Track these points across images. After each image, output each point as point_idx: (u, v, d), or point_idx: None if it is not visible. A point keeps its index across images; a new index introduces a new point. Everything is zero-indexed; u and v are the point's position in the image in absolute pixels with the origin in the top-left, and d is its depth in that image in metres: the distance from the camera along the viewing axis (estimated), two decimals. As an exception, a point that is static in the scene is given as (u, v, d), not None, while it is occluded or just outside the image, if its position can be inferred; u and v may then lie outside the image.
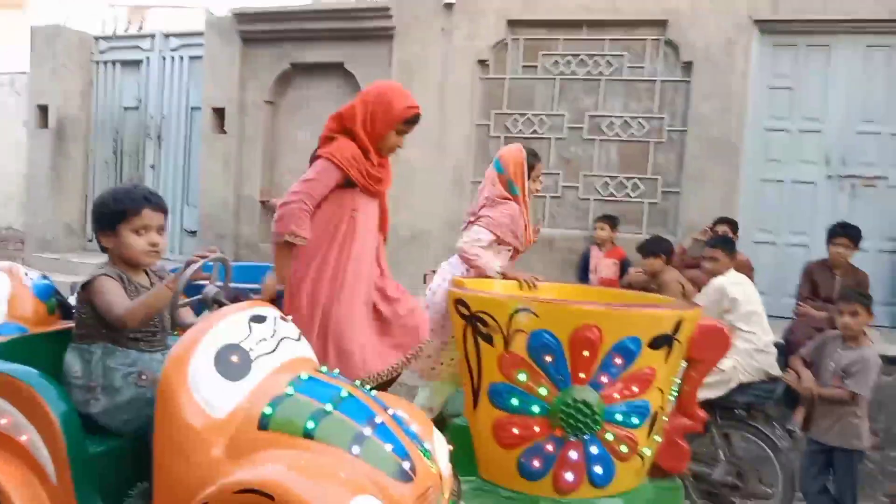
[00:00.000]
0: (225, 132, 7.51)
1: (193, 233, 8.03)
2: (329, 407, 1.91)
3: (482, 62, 6.68)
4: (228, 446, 1.86)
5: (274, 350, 2.08)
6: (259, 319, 2.10)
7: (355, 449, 1.84)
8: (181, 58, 8.27)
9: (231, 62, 7.45)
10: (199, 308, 2.28)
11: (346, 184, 3.13)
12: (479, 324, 2.59)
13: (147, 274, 2.36)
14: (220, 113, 7.55)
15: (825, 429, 3.89)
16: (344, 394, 1.98)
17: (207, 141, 7.63)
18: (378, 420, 1.94)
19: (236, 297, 2.23)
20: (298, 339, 2.24)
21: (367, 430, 1.89)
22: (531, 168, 3.77)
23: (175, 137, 8.32)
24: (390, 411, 2.04)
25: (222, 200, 7.52)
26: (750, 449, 4.38)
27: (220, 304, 2.18)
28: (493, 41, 6.61)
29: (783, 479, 4.14)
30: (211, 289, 2.23)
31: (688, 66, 6.19)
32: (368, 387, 2.19)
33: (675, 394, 2.65)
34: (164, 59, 8.35)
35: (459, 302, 2.66)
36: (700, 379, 2.76)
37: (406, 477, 1.86)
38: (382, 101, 3.12)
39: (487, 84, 6.76)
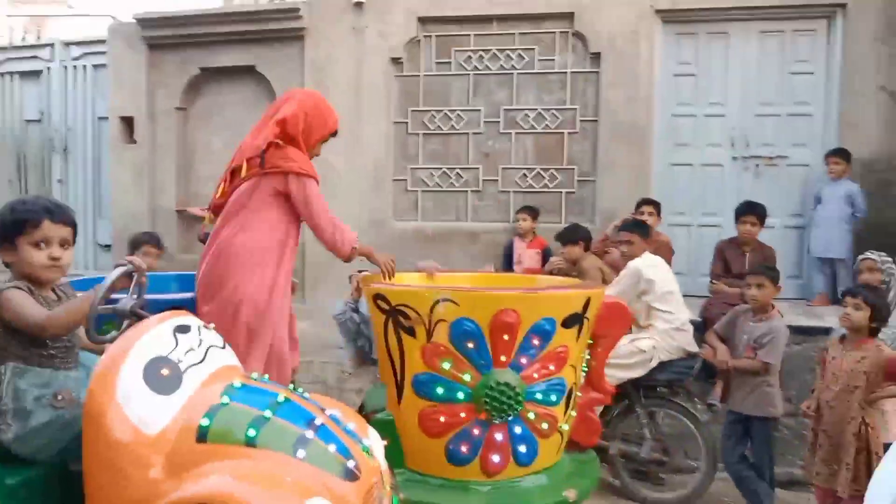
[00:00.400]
0: (135, 141, 7.27)
1: (108, 247, 7.77)
2: (268, 413, 1.88)
3: (395, 60, 6.69)
4: (167, 463, 1.80)
5: (202, 360, 2.03)
6: (184, 329, 2.05)
7: (300, 452, 1.82)
8: (84, 67, 7.99)
9: (137, 69, 7.22)
10: (100, 320, 2.18)
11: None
12: (400, 317, 2.61)
13: (54, 290, 2.24)
14: (128, 122, 7.30)
15: (741, 399, 4.05)
16: (280, 399, 1.95)
17: (117, 151, 7.37)
18: (318, 422, 1.93)
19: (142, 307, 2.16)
20: (224, 347, 2.20)
21: (309, 433, 1.87)
22: None
23: (82, 149, 8.04)
24: (327, 412, 2.02)
25: (136, 212, 7.28)
26: (674, 425, 4.53)
27: (139, 317, 2.10)
28: (405, 39, 6.62)
29: (706, 451, 4.31)
30: (127, 301, 2.15)
31: (596, 57, 6.34)
32: (300, 389, 2.17)
33: (585, 370, 2.74)
34: (65, 68, 8.05)
35: (378, 297, 2.66)
36: (606, 354, 2.87)
37: (352, 476, 1.86)
38: (319, 114, 3.27)
39: (402, 81, 6.76)
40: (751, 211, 5.20)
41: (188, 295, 3.21)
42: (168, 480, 1.76)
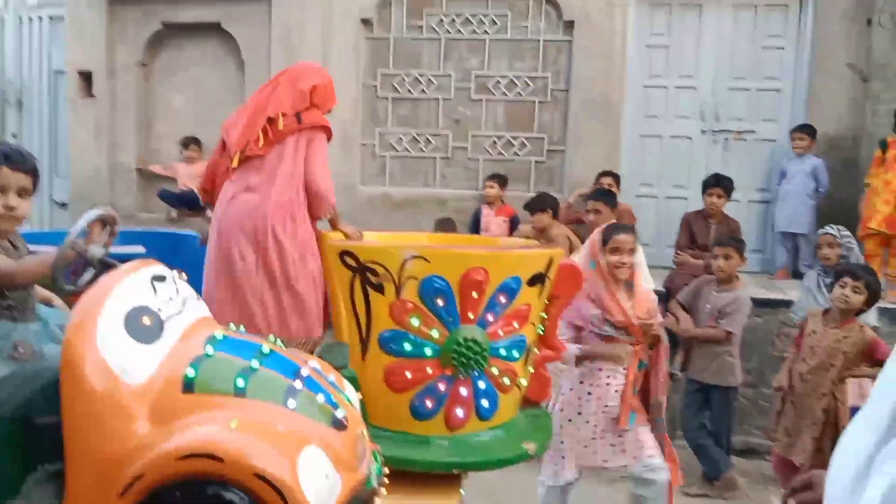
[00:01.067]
0: (94, 97, 7.05)
1: (65, 205, 7.55)
2: (255, 363, 1.85)
3: (365, 21, 6.55)
4: (151, 414, 1.73)
5: (181, 310, 1.97)
6: (160, 279, 1.97)
7: (290, 402, 1.80)
8: (40, 18, 7.72)
9: (97, 22, 6.98)
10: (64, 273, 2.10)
11: None
12: (368, 274, 2.58)
13: (9, 240, 2.15)
14: (87, 77, 7.07)
15: (702, 368, 4.11)
16: (265, 350, 1.93)
17: (75, 107, 7.14)
18: (304, 373, 1.91)
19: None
20: (198, 299, 2.14)
21: (297, 384, 1.86)
22: (605, 241, 3.35)
23: (38, 104, 7.81)
24: (310, 363, 2.00)
25: (95, 169, 7.08)
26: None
27: (108, 266, 2.02)
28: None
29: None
30: (96, 250, 2.06)
31: (569, 26, 6.28)
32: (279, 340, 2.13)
33: (541, 329, 2.79)
34: (20, 19, 7.77)
35: (346, 253, 2.63)
36: (560, 313, 2.95)
37: (340, 425, 1.85)
38: (332, 89, 3.54)
39: (372, 44, 6.64)
40: (718, 184, 5.23)
41: (139, 249, 3.31)
42: (156, 431, 1.71)
